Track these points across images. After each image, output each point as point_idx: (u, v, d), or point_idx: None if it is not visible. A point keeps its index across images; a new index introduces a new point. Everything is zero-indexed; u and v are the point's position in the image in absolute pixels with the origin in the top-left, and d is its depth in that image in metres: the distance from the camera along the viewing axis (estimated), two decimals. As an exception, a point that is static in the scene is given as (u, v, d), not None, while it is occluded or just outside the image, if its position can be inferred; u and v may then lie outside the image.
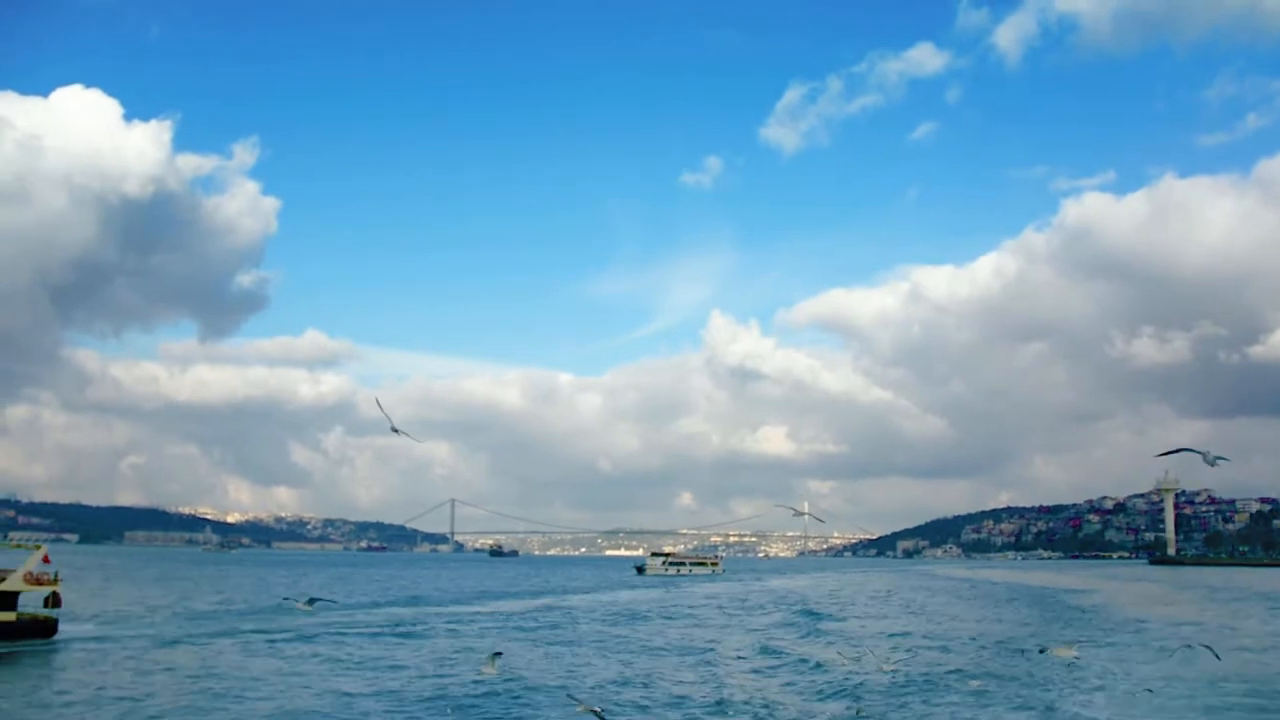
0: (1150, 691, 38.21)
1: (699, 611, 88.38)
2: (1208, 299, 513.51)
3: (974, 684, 41.09)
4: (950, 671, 45.14)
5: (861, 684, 41.58)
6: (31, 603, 56.19)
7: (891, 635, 64.22)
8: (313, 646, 55.11)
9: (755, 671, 47.38)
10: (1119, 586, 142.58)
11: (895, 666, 44.96)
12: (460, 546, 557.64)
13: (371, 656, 51.59)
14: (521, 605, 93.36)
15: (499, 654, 36.57)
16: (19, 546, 64.42)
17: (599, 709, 25.33)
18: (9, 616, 53.67)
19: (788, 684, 43.05)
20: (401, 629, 66.61)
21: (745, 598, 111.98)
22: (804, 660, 50.68)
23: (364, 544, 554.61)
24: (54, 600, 56.34)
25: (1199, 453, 34.26)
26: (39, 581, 55.45)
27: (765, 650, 55.59)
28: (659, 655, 54.12)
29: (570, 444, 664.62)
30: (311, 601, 58.28)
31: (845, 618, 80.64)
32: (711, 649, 56.73)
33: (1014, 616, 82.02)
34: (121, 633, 60.06)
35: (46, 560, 56.62)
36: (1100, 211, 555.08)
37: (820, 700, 38.72)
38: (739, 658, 53.05)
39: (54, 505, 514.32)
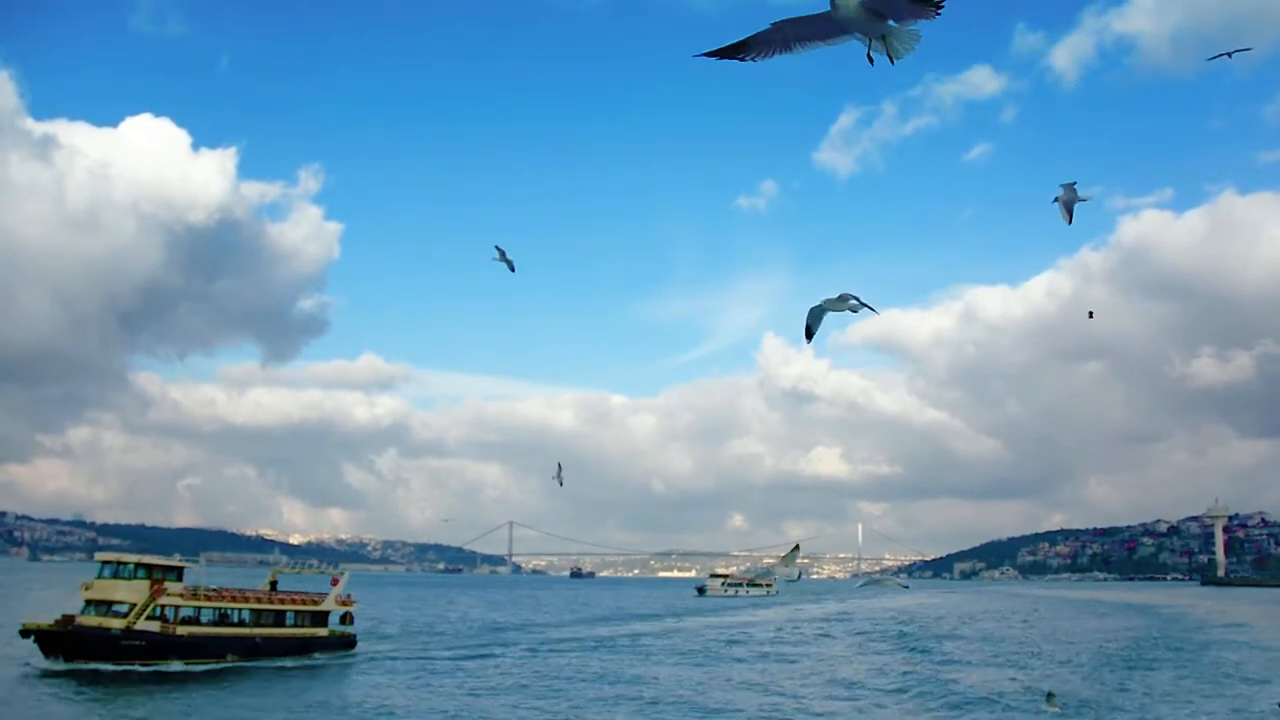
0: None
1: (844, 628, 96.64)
2: (1270, 316, 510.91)
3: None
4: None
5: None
6: (332, 620, 66.36)
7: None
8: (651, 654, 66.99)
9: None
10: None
11: None
12: (517, 568, 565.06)
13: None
14: (707, 622, 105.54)
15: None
16: (320, 572, 75.23)
17: None
18: (322, 632, 63.96)
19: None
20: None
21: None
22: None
23: (441, 566, 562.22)
24: (348, 618, 66.93)
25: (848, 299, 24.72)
26: (343, 603, 66.13)
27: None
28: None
29: (623, 465, 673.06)
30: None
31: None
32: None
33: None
34: (407, 647, 70.07)
35: (335, 583, 67.28)
36: (1158, 229, 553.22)
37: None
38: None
39: (128, 526, 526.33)
